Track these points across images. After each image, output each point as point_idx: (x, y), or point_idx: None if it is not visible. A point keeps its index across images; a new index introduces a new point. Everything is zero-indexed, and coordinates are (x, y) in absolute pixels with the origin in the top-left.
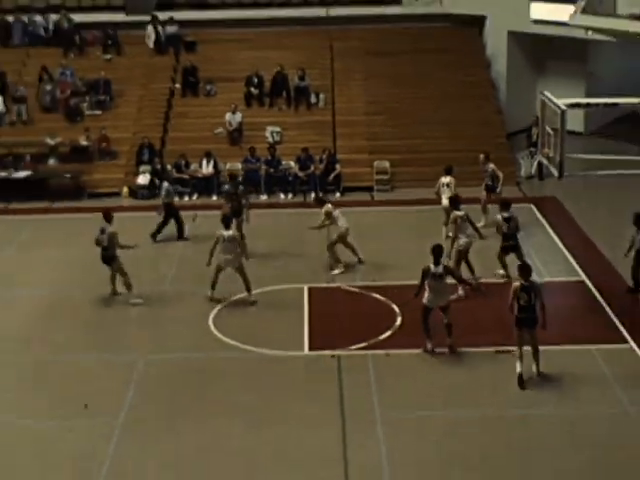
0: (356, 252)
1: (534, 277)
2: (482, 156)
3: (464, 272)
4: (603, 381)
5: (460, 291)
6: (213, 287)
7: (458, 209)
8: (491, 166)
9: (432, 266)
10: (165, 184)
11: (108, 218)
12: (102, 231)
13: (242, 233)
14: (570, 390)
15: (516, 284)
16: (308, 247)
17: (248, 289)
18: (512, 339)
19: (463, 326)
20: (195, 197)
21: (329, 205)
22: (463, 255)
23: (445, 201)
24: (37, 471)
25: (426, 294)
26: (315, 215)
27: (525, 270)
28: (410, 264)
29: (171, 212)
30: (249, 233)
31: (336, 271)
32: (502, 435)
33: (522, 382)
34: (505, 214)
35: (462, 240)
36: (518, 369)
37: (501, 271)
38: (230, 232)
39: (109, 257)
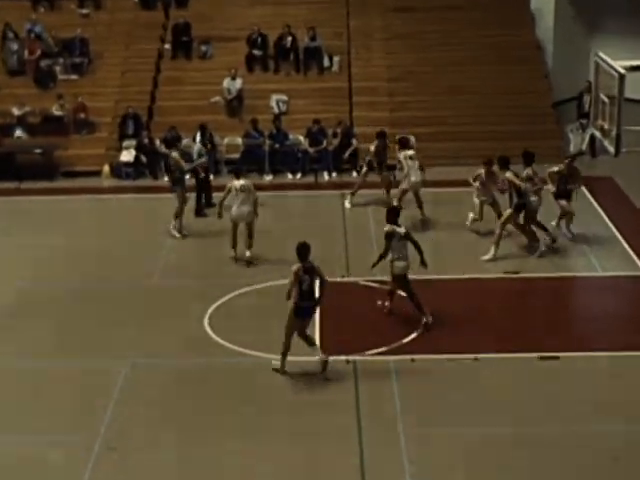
0: None
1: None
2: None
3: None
4: None
5: None
6: (234, 246)
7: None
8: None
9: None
10: (197, 145)
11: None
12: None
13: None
14: (623, 404)
15: (297, 266)
16: (320, 236)
17: (250, 245)
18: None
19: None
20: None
21: None
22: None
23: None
24: None
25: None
26: (329, 198)
27: (305, 249)
28: (440, 255)
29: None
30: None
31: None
32: (535, 454)
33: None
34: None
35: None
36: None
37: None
38: (242, 182)
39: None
